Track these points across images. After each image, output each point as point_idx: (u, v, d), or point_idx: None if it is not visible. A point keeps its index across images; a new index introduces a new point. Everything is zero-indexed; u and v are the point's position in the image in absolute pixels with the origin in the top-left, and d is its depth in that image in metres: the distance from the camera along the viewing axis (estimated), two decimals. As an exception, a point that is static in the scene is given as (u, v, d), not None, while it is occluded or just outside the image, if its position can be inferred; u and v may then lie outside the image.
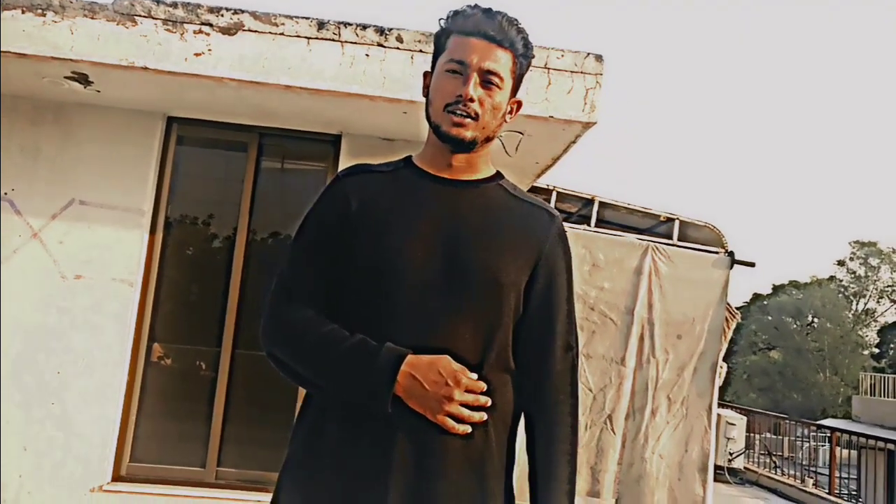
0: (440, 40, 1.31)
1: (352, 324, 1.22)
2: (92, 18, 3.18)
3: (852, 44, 69.05)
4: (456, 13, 1.29)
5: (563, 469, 1.26)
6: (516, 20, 1.29)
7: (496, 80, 1.25)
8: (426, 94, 1.32)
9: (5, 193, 3.64)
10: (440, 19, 1.31)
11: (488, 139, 1.29)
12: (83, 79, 3.39)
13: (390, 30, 3.26)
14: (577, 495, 4.75)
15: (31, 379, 3.53)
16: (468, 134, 1.24)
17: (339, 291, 1.25)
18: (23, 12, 3.15)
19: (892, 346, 37.63)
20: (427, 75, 1.34)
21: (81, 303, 3.61)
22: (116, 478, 3.61)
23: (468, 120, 1.24)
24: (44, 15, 3.17)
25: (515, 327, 1.27)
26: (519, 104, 1.34)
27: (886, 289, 37.09)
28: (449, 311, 1.21)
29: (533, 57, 1.33)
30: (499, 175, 1.36)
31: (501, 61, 1.26)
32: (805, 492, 9.36)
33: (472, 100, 1.23)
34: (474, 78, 1.24)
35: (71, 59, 3.17)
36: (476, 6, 1.28)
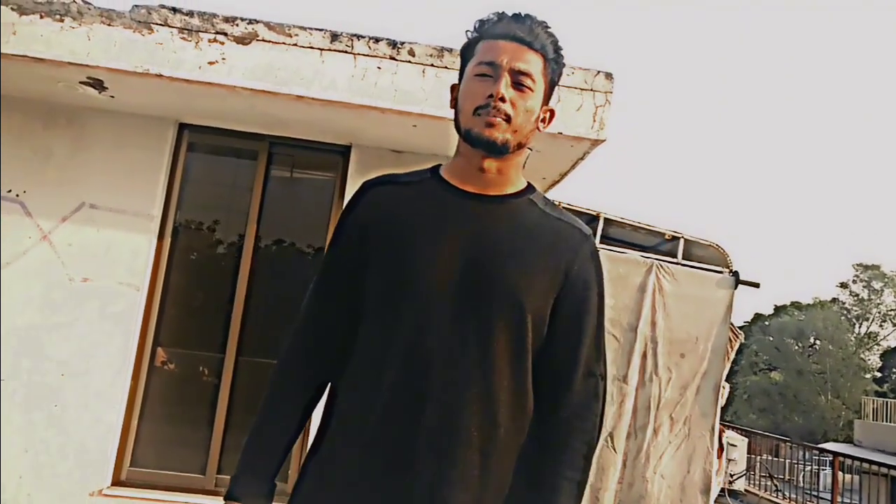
0: (468, 49, 1.26)
1: (371, 342, 1.20)
2: (109, 25, 3.22)
3: (859, 65, 69.30)
4: (483, 21, 1.25)
5: (568, 499, 1.18)
6: (546, 23, 1.25)
7: (528, 81, 1.20)
8: (454, 105, 1.27)
9: (17, 195, 3.66)
10: (467, 31, 1.27)
11: (521, 146, 1.22)
12: (98, 84, 3.42)
13: (402, 43, 3.29)
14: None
15: (34, 380, 3.54)
16: (499, 136, 1.18)
17: (363, 306, 1.23)
18: (41, 17, 3.20)
19: (894, 370, 37.43)
20: (455, 88, 1.29)
21: (88, 305, 3.62)
22: (116, 482, 3.60)
23: (499, 121, 1.17)
24: (62, 21, 3.21)
25: (538, 353, 1.22)
26: (552, 113, 1.28)
27: (889, 312, 36.96)
28: (469, 335, 1.16)
29: (564, 64, 1.27)
30: (530, 188, 1.29)
31: (532, 63, 1.21)
32: (805, 516, 9.29)
33: (503, 99, 1.17)
34: (505, 78, 1.18)
35: (87, 65, 3.21)
36: (503, 12, 1.24)
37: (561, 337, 1.23)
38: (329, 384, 1.29)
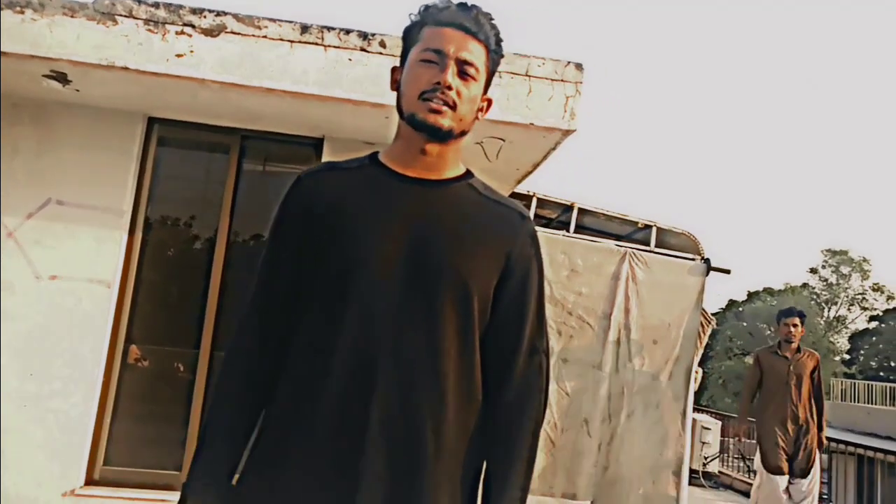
0: (411, 33, 1.27)
1: (316, 332, 1.19)
2: (72, 17, 3.16)
3: (825, 56, 70.46)
4: (428, 7, 1.27)
5: (519, 476, 1.23)
6: (490, 14, 1.28)
7: (472, 70, 1.23)
8: (396, 87, 1.28)
9: (-20, 192, 3.59)
10: (411, 14, 1.29)
11: (462, 133, 1.26)
12: (62, 78, 3.36)
13: (373, 34, 3.28)
14: (554, 496, 4.78)
15: (2, 381, 3.48)
16: (445, 122, 1.20)
17: (306, 296, 1.22)
18: (1, 9, 3.12)
19: (862, 352, 38.39)
20: (396, 70, 1.30)
21: (56, 304, 3.56)
22: (90, 481, 3.56)
23: (445, 108, 1.20)
24: (22, 12, 3.14)
25: (484, 334, 1.24)
26: (489, 102, 1.32)
27: (857, 296, 37.86)
28: (416, 320, 1.17)
29: (503, 55, 1.31)
30: (469, 174, 1.32)
31: (477, 53, 1.24)
32: (777, 495, 9.49)
33: (449, 87, 1.19)
34: (452, 66, 1.21)
35: (49, 58, 3.14)
36: (449, 0, 1.27)
37: (505, 317, 1.26)
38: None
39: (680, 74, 74.05)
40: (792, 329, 5.49)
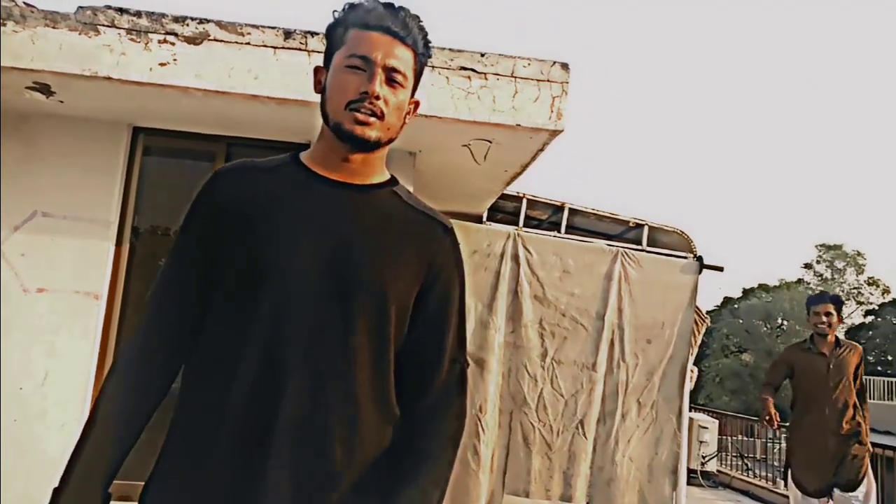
0: (335, 33, 1.22)
1: (225, 331, 1.15)
2: (53, 28, 3.14)
3: (815, 49, 70.84)
4: (353, 6, 1.21)
5: (424, 475, 1.17)
6: (418, 16, 1.23)
7: (400, 77, 1.19)
8: (320, 90, 1.24)
9: (-36, 206, 3.56)
10: (334, 11, 1.23)
11: (390, 141, 1.23)
12: (45, 89, 3.34)
13: (357, 39, 3.27)
14: (550, 499, 4.75)
15: (-8, 395, 3.45)
16: (373, 133, 1.17)
17: (215, 294, 1.17)
18: (-18, 22, 3.10)
19: (859, 347, 38.43)
20: (319, 70, 1.25)
21: (44, 316, 3.54)
22: (82, 495, 3.53)
23: (373, 119, 1.16)
24: (4, 24, 3.13)
25: (402, 344, 1.21)
26: (417, 104, 1.28)
27: (852, 291, 37.97)
28: (329, 326, 1.13)
29: (430, 56, 1.27)
30: (393, 180, 1.29)
31: (404, 58, 1.20)
32: (777, 493, 9.49)
33: (378, 97, 1.16)
34: (379, 75, 1.17)
35: (32, 70, 3.13)
36: (376, 0, 1.21)
37: (426, 327, 1.23)
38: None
39: (668, 69, 74.41)
40: (825, 318, 4.51)
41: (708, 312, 6.16)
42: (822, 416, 4.43)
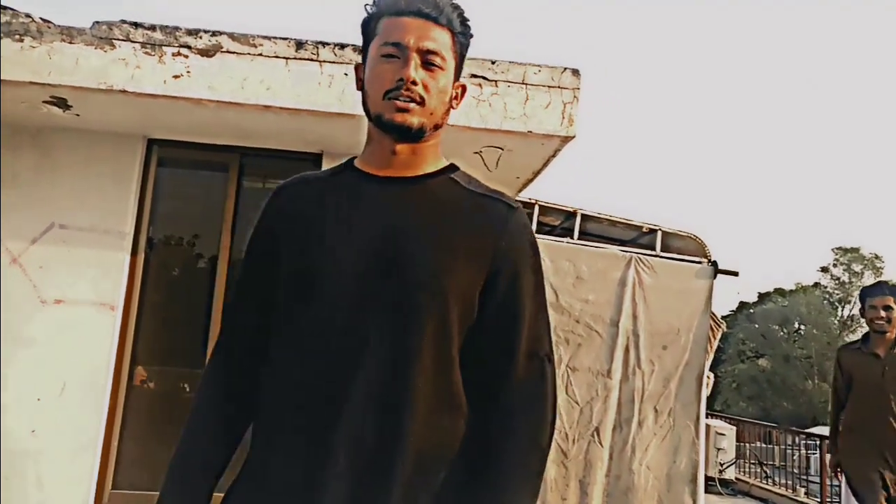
0: (369, 26, 1.18)
1: (285, 343, 1.14)
2: (70, 43, 3.19)
3: (830, 51, 70.35)
4: None
5: (510, 485, 1.08)
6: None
7: (438, 59, 1.13)
8: (361, 87, 1.19)
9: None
10: (366, 4, 1.19)
11: (437, 127, 1.16)
12: (62, 103, 3.38)
13: (368, 49, 3.28)
14: (565, 509, 4.70)
15: (9, 406, 3.48)
16: (415, 120, 1.11)
17: (277, 309, 1.17)
18: (1, 37, 3.15)
19: (878, 351, 37.92)
20: (359, 68, 1.21)
21: (62, 327, 3.57)
22: (99, 505, 3.55)
23: (413, 105, 1.11)
24: (21, 40, 3.17)
25: (470, 341, 1.13)
26: (463, 89, 1.23)
27: (870, 295, 37.44)
28: (381, 331, 1.08)
29: (472, 36, 1.20)
30: (451, 167, 1.21)
31: (440, 40, 1.14)
32: (797, 501, 9.37)
33: (414, 82, 1.10)
34: (414, 59, 1.11)
35: (49, 84, 3.17)
36: None
37: (496, 320, 1.14)
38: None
39: (681, 72, 74.14)
40: (883, 312, 3.77)
41: (723, 317, 6.09)
42: (879, 425, 3.69)
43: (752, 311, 38.61)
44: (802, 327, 35.93)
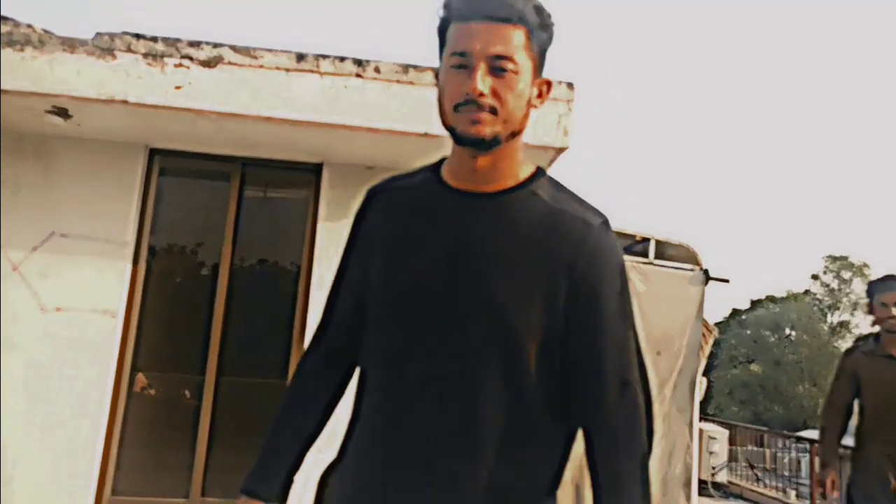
0: (442, 34, 1.12)
1: (369, 356, 1.18)
2: (71, 53, 3.22)
3: (819, 61, 70.99)
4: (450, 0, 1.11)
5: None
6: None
7: (509, 64, 1.05)
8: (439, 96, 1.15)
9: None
10: (438, 9, 1.13)
11: (514, 134, 1.09)
12: (63, 113, 3.42)
13: (368, 61, 3.34)
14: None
15: (10, 412, 3.50)
16: (487, 130, 1.05)
17: (366, 316, 1.19)
18: (1, 48, 3.19)
19: (867, 356, 38.14)
20: (437, 75, 1.15)
21: (62, 335, 3.59)
22: (99, 511, 3.57)
23: (484, 114, 1.04)
24: (23, 50, 3.21)
25: (560, 371, 1.10)
26: (548, 84, 1.15)
27: (860, 301, 37.77)
28: (449, 361, 1.07)
29: (553, 24, 1.12)
30: (536, 176, 1.15)
31: (512, 41, 1.05)
32: (787, 503, 9.45)
33: (482, 94, 1.04)
34: (481, 68, 1.04)
35: (51, 94, 3.21)
36: None
37: (580, 348, 1.09)
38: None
39: (674, 81, 74.58)
40: (895, 310, 3.30)
41: (716, 324, 6.16)
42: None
43: (744, 317, 38.83)
44: (793, 333, 36.18)
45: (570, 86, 3.44)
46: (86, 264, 3.67)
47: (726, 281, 5.53)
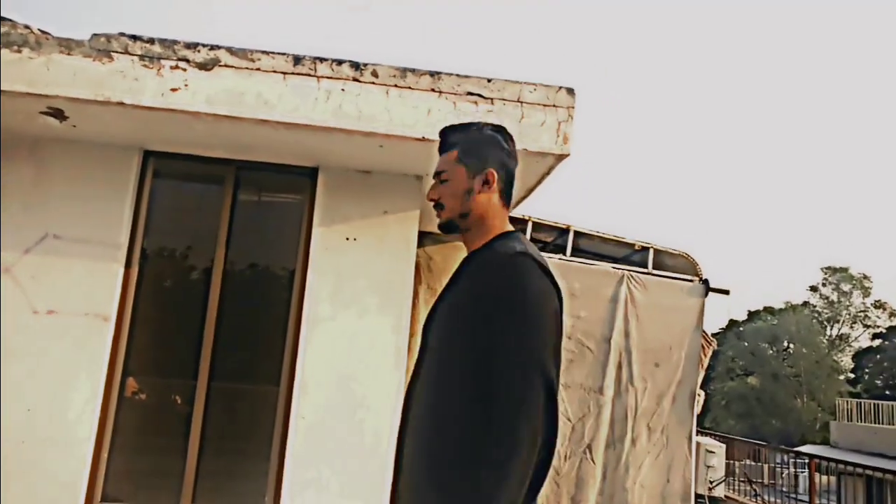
0: None
1: None
2: (68, 54, 3.20)
3: (818, 71, 71.27)
4: None
5: None
6: (460, 124, 1.66)
7: (444, 175, 1.62)
8: None
9: (-23, 228, 3.59)
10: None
11: (463, 216, 1.60)
12: (59, 114, 3.39)
13: (365, 65, 3.32)
14: (557, 526, 4.68)
15: (1, 416, 3.45)
16: (441, 220, 1.63)
17: None
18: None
19: (867, 371, 38.13)
20: None
21: (54, 338, 3.55)
22: (87, 518, 3.51)
23: (438, 210, 1.63)
24: (20, 51, 3.18)
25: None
26: (490, 173, 1.61)
27: (859, 314, 37.73)
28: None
29: (480, 140, 1.63)
30: (497, 238, 1.58)
31: (446, 161, 1.64)
32: (786, 519, 9.36)
33: (431, 198, 1.64)
34: (431, 182, 1.67)
35: (46, 95, 3.18)
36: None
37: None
38: None
39: (673, 91, 74.83)
40: None
41: (713, 335, 6.13)
42: None
43: (741, 328, 38.76)
44: (791, 346, 36.09)
45: (570, 92, 3.42)
46: (79, 267, 3.63)
47: (726, 292, 5.50)
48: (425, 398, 1.43)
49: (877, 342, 37.66)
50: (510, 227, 1.60)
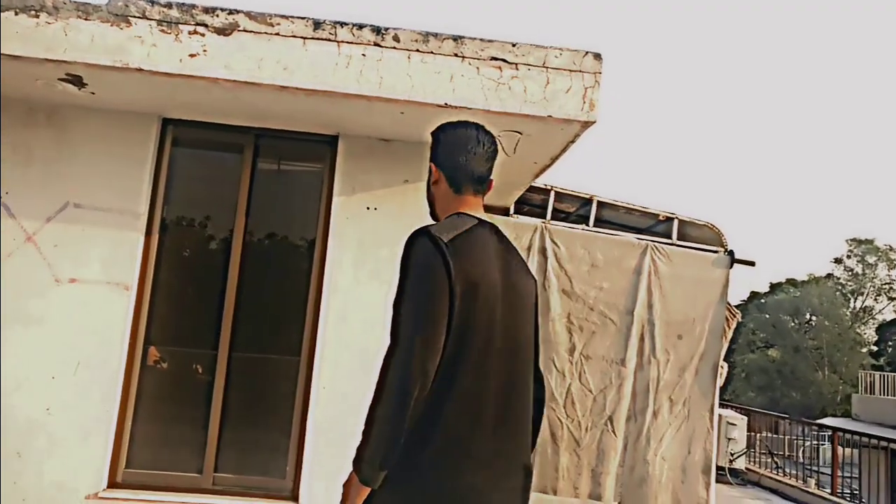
0: None
1: None
2: (86, 20, 3.15)
3: (851, 41, 69.18)
4: None
5: None
6: (440, 125, 1.93)
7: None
8: None
9: (-2, 197, 3.60)
10: None
11: (431, 205, 1.99)
12: (77, 81, 3.35)
13: (387, 29, 3.22)
14: (579, 497, 4.70)
15: (24, 384, 3.49)
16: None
17: None
18: (16, 14, 3.12)
19: (890, 343, 37.65)
20: None
21: (76, 307, 3.57)
22: (112, 484, 3.56)
23: None
24: (37, 16, 3.14)
25: None
26: (432, 167, 1.92)
27: (884, 286, 37.13)
28: None
29: (438, 138, 1.92)
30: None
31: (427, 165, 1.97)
32: (807, 492, 9.33)
33: None
34: None
35: (65, 61, 3.14)
36: None
37: None
38: None
39: (699, 61, 73.16)
40: None
41: (734, 307, 6.02)
42: None
43: (763, 300, 38.38)
44: (814, 318, 35.67)
45: (597, 57, 3.30)
46: (99, 235, 3.63)
47: (752, 264, 5.38)
48: None
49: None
50: (462, 210, 1.84)
